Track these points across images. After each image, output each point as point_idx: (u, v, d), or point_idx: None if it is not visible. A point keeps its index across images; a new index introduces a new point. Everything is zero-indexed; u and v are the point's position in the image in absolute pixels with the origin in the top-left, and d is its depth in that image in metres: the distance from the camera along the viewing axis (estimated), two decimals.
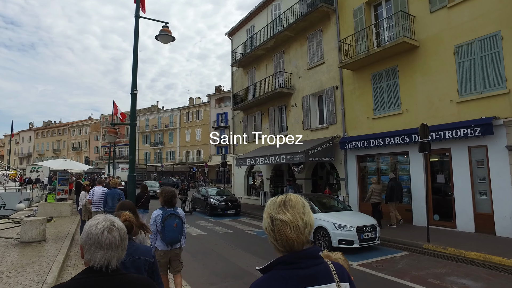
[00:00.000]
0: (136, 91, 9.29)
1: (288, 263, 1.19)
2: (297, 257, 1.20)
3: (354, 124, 13.67)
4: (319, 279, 1.20)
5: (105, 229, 1.41)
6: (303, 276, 1.18)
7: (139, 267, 2.29)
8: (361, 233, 8.05)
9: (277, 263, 1.21)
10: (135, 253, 2.32)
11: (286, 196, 1.30)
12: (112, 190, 9.25)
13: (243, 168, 21.14)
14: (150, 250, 2.46)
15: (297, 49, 17.16)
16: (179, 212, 4.53)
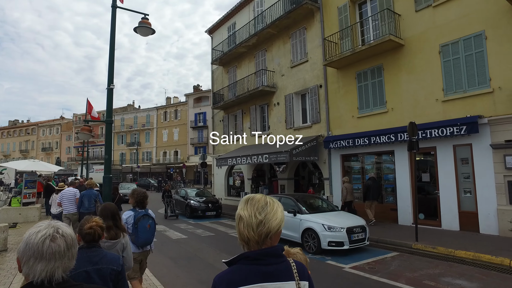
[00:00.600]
0: (113, 86, 8.69)
1: (252, 259, 1.26)
2: (261, 253, 1.27)
3: (338, 123, 13.51)
4: (279, 276, 1.27)
5: (47, 237, 1.28)
6: (264, 272, 1.25)
7: (105, 277, 2.18)
8: (351, 234, 7.80)
9: (242, 257, 1.29)
10: (101, 261, 2.21)
11: (254, 195, 1.38)
12: (88, 190, 8.92)
13: (223, 169, 20.62)
14: (117, 258, 2.35)
15: (280, 47, 16.87)
16: (150, 213, 4.45)
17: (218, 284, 1.28)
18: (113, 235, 3.25)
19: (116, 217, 3.37)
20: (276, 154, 13.25)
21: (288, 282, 1.29)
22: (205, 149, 48.44)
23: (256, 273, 1.26)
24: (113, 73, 8.60)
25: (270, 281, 1.26)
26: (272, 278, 1.27)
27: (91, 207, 8.51)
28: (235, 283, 1.25)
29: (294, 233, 8.55)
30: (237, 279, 1.25)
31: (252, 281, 1.25)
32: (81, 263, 2.09)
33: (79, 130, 8.82)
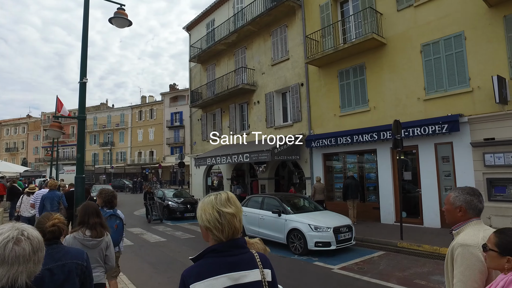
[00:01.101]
0: (86, 80, 8.11)
1: (219, 251, 1.36)
2: (227, 246, 1.37)
3: (320, 122, 13.41)
4: (244, 266, 1.37)
5: (10, 240, 1.20)
6: (230, 262, 1.35)
7: (70, 272, 2.11)
8: (338, 234, 7.63)
9: (209, 251, 1.37)
10: (65, 257, 2.15)
11: (227, 193, 1.47)
12: (50, 192, 8.30)
13: (201, 168, 20.11)
14: (82, 253, 2.28)
15: (260, 44, 16.62)
16: (119, 213, 4.36)
17: (187, 278, 1.32)
18: (99, 233, 3.18)
19: (100, 214, 3.32)
20: (258, 153, 12.97)
21: (252, 270, 1.39)
22: (181, 149, 47.46)
23: (222, 264, 1.34)
24: (86, 66, 8.04)
25: (236, 271, 1.35)
26: (238, 267, 1.36)
27: (54, 210, 7.85)
28: (204, 275, 1.31)
29: (279, 234, 8.30)
30: (206, 271, 1.32)
31: (220, 272, 1.33)
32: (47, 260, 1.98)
33: (48, 127, 8.15)
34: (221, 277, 1.33)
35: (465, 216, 1.92)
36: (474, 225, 1.87)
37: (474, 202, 1.92)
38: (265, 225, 8.75)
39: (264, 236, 8.82)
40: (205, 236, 1.45)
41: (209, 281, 1.31)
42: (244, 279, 1.37)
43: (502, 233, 1.56)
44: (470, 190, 1.98)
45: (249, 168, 18.23)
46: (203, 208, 1.43)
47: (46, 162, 49.26)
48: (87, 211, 3.23)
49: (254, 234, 9.24)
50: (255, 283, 1.39)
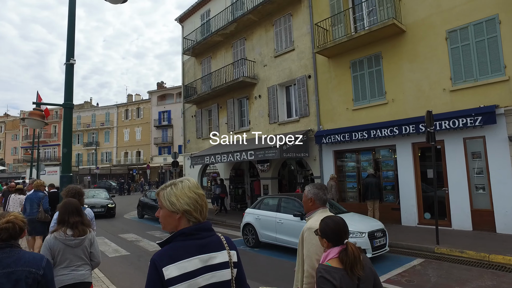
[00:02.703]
0: (74, 61, 6.87)
1: (188, 234, 1.41)
2: (195, 229, 1.43)
3: (330, 116, 12.42)
4: (213, 247, 1.46)
5: None
6: (199, 244, 1.41)
7: (18, 281, 1.92)
8: (373, 239, 6.62)
9: (177, 235, 1.41)
10: (15, 263, 1.96)
11: (191, 179, 1.55)
12: (33, 193, 7.61)
13: (196, 168, 18.86)
14: (39, 259, 2.07)
15: (261, 35, 15.54)
16: (88, 212, 4.05)
17: (159, 261, 1.34)
18: (81, 231, 3.07)
19: (81, 212, 3.18)
20: (264, 150, 11.87)
21: (220, 252, 1.47)
22: (170, 149, 45.89)
23: (193, 246, 1.40)
24: (73, 46, 6.82)
25: (206, 252, 1.42)
26: (207, 249, 1.43)
27: (33, 212, 7.18)
28: (175, 258, 1.35)
29: None
30: (177, 254, 1.36)
31: (191, 254, 1.38)
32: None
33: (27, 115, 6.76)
34: (193, 259, 1.38)
35: (314, 205, 2.48)
36: (320, 212, 2.42)
37: (320, 194, 2.48)
38: (284, 230, 7.65)
39: (283, 242, 7.75)
40: (172, 223, 1.46)
41: (182, 263, 1.35)
42: (213, 260, 1.43)
43: (322, 221, 2.01)
44: (318, 185, 2.54)
45: (249, 167, 17.11)
46: (176, 194, 1.46)
47: (25, 163, 46.82)
48: (67, 210, 3.09)
49: (269, 240, 8.14)
50: (223, 264, 1.46)
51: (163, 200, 1.47)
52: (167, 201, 1.46)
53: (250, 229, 8.67)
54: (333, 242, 1.90)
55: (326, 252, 1.92)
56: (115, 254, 8.09)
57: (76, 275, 3.00)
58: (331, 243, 1.91)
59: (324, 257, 1.92)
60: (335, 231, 1.90)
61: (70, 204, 3.15)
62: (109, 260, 7.54)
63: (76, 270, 3.02)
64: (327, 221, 1.97)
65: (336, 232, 1.90)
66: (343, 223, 1.95)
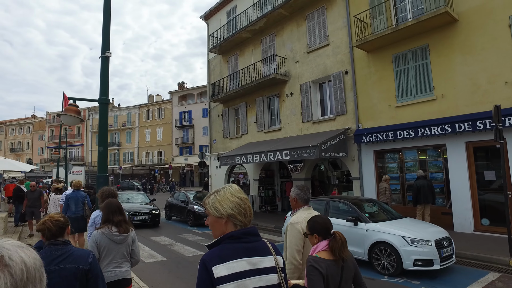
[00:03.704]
0: (109, 54, 6.52)
1: (235, 238, 1.45)
2: (243, 233, 1.46)
3: (370, 114, 11.67)
4: (260, 252, 1.48)
5: None
6: (247, 248, 1.45)
7: (69, 276, 2.07)
8: (441, 248, 5.89)
9: (226, 238, 1.45)
10: (66, 260, 2.11)
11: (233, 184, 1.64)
12: (75, 192, 7.94)
13: (223, 169, 18.41)
14: (86, 256, 2.21)
15: (292, 30, 14.92)
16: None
17: (209, 261, 1.38)
18: (125, 229, 3.20)
19: (123, 211, 3.31)
20: (300, 150, 11.24)
21: (267, 257, 1.49)
22: (191, 149, 45.86)
23: (240, 249, 1.43)
24: (109, 39, 6.52)
25: (253, 256, 1.45)
26: (255, 253, 1.46)
27: (79, 210, 7.65)
28: (224, 258, 1.39)
29: (356, 247, 6.55)
30: (226, 254, 1.40)
31: (239, 256, 1.42)
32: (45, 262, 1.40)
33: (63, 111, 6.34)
34: (240, 260, 1.41)
35: (297, 204, 2.96)
36: (303, 210, 2.89)
37: (301, 194, 2.97)
38: None
39: None
40: (220, 229, 1.49)
41: (230, 264, 1.39)
42: (261, 264, 1.45)
43: (310, 220, 2.33)
44: (300, 187, 3.05)
45: (279, 168, 16.52)
46: (219, 200, 1.51)
47: (52, 162, 47.64)
48: (110, 209, 3.23)
49: None
50: (270, 268, 1.48)
51: (209, 208, 1.53)
52: (212, 208, 1.52)
53: None
54: (323, 236, 2.19)
55: (315, 246, 2.21)
56: (151, 259, 7.65)
57: (119, 272, 3.14)
58: (321, 236, 2.20)
59: (313, 249, 2.20)
60: (324, 226, 2.22)
61: (112, 204, 3.28)
62: (146, 266, 7.10)
63: (119, 267, 3.15)
64: (316, 219, 2.30)
65: (325, 227, 2.21)
66: (327, 219, 2.30)
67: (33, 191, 10.66)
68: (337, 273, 2.06)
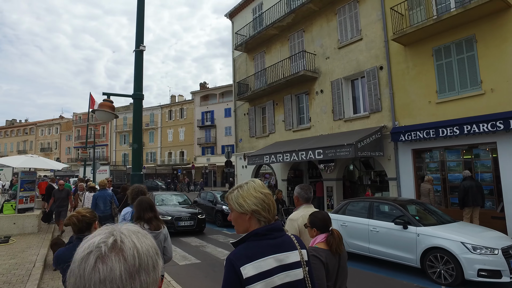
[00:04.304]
0: (144, 47, 6.31)
1: (261, 235, 1.43)
2: (268, 229, 1.45)
3: (408, 111, 11.04)
4: (286, 247, 1.47)
5: (92, 251, 0.72)
6: (273, 244, 1.44)
7: None
8: (510, 258, 5.30)
9: (251, 235, 1.43)
10: None
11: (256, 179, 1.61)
12: (102, 191, 8.12)
13: (249, 168, 18.10)
14: None
15: (322, 25, 14.42)
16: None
17: (236, 261, 1.36)
18: (156, 226, 3.28)
19: (154, 208, 3.37)
20: (335, 148, 10.76)
21: (293, 251, 1.48)
22: (213, 149, 45.92)
23: (266, 246, 1.42)
24: (143, 32, 6.30)
25: (280, 252, 1.44)
26: (281, 249, 1.45)
27: (107, 209, 7.86)
28: (252, 257, 1.37)
29: (406, 253, 6.05)
30: (252, 253, 1.38)
31: (265, 254, 1.40)
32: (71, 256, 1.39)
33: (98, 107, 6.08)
34: (268, 258, 1.39)
35: (299, 202, 3.13)
36: (303, 208, 3.01)
37: (302, 193, 3.12)
38: (381, 240, 6.53)
39: (378, 254, 6.62)
40: (243, 224, 1.48)
41: (258, 262, 1.36)
42: (287, 259, 1.44)
43: (311, 215, 2.51)
44: (302, 186, 3.20)
45: (308, 167, 16.05)
46: (243, 195, 1.48)
47: (79, 161, 48.83)
48: (142, 206, 3.29)
49: (358, 251, 7.05)
50: (296, 263, 1.47)
51: (232, 203, 1.51)
52: (235, 204, 1.50)
53: None
54: (321, 230, 2.38)
55: (314, 238, 2.40)
56: (185, 261, 7.40)
57: None
58: (320, 230, 2.38)
59: (313, 241, 2.39)
60: (323, 221, 2.40)
61: (143, 201, 3.33)
62: (181, 269, 6.85)
63: None
64: (316, 215, 2.47)
65: (324, 223, 2.38)
66: (327, 216, 2.45)
67: (61, 190, 10.20)
68: (335, 261, 2.28)
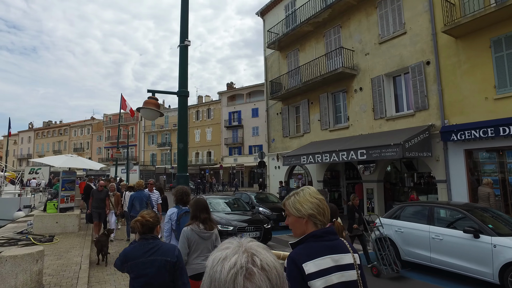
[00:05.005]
0: (188, 42, 6.03)
1: (318, 237, 1.54)
2: (324, 232, 1.56)
3: (459, 109, 10.27)
4: (340, 249, 1.57)
5: (238, 271, 0.73)
6: (329, 246, 1.55)
7: (160, 267, 2.38)
8: None
9: (309, 237, 1.54)
10: (156, 253, 2.42)
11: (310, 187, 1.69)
12: (139, 192, 8.15)
13: (282, 169, 17.70)
14: (172, 249, 2.52)
15: (361, 20, 13.80)
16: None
17: (297, 259, 1.47)
18: (209, 226, 3.41)
19: (208, 210, 3.50)
20: (380, 148, 10.16)
21: (347, 254, 1.57)
22: (240, 149, 45.85)
23: (323, 247, 1.52)
24: (187, 26, 6.05)
25: (336, 253, 1.53)
26: (336, 251, 1.55)
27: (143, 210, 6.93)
28: (311, 256, 1.48)
29: (480, 266, 5.44)
30: (312, 252, 1.49)
31: (323, 254, 1.50)
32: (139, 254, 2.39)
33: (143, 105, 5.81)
34: (325, 258, 1.49)
35: None
36: None
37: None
38: (446, 250, 5.93)
39: (443, 265, 6.03)
40: (300, 228, 1.59)
41: (318, 261, 1.47)
42: (342, 260, 1.53)
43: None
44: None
45: (345, 168, 15.44)
46: (300, 201, 1.60)
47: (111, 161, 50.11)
48: (198, 207, 3.44)
49: (418, 260, 6.47)
50: (350, 265, 1.55)
51: (289, 208, 1.62)
52: (293, 209, 1.61)
53: (385, 243, 7.08)
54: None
55: None
56: None
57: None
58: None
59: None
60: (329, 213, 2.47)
61: (200, 202, 3.49)
62: None
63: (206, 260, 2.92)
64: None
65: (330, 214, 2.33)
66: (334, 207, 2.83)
67: (100, 191, 9.56)
68: None
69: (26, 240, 8.43)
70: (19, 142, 74.38)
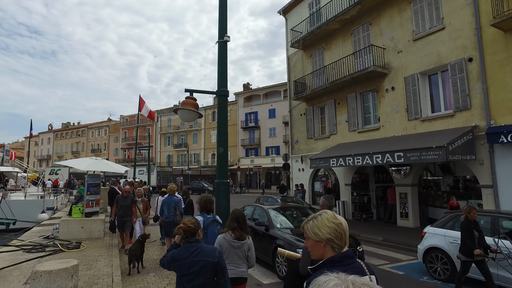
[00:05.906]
0: (228, 38, 5.58)
1: (336, 262, 1.52)
2: (342, 257, 1.55)
3: (508, 108, 9.53)
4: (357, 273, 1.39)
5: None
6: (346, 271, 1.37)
7: (203, 267, 2.65)
8: None
9: (327, 262, 1.54)
10: (199, 254, 2.68)
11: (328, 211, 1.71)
12: (169, 197, 7.99)
13: (306, 172, 17.14)
14: (214, 251, 2.78)
15: (393, 16, 13.14)
16: (218, 218, 4.38)
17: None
18: (238, 235, 3.58)
19: (239, 220, 3.67)
20: (420, 151, 9.52)
21: (364, 277, 1.50)
22: (256, 151, 45.42)
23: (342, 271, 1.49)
24: (226, 21, 5.59)
25: None
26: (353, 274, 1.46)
27: (171, 215, 7.74)
28: None
29: None
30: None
31: None
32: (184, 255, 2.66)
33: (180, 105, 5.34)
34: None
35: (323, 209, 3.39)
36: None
37: (326, 202, 4.04)
38: None
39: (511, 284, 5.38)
40: (318, 251, 1.60)
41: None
42: None
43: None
44: (326, 196, 4.13)
45: (374, 171, 14.77)
46: (318, 226, 1.61)
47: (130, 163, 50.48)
48: (232, 217, 3.69)
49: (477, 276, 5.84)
50: None
51: (308, 232, 1.64)
52: (311, 233, 1.62)
53: (439, 255, 6.48)
54: None
55: None
56: (269, 280, 6.61)
57: (238, 271, 3.57)
58: None
59: None
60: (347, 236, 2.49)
61: (234, 213, 3.72)
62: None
63: (238, 267, 3.58)
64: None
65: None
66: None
67: (125, 197, 8.60)
68: None
69: (53, 246, 8.17)
70: (40, 143, 75.93)
